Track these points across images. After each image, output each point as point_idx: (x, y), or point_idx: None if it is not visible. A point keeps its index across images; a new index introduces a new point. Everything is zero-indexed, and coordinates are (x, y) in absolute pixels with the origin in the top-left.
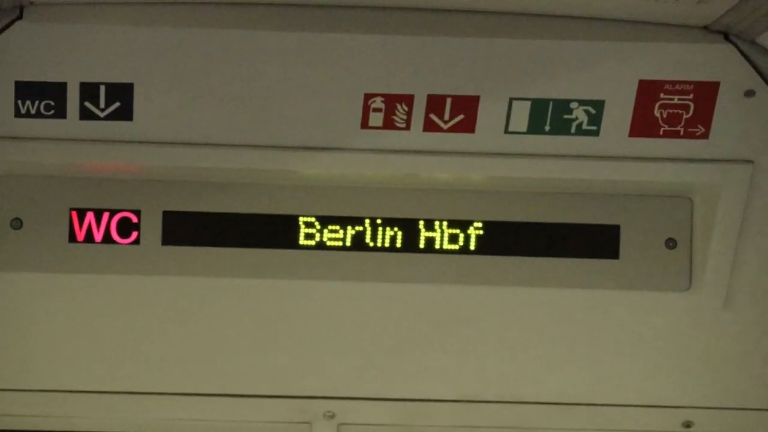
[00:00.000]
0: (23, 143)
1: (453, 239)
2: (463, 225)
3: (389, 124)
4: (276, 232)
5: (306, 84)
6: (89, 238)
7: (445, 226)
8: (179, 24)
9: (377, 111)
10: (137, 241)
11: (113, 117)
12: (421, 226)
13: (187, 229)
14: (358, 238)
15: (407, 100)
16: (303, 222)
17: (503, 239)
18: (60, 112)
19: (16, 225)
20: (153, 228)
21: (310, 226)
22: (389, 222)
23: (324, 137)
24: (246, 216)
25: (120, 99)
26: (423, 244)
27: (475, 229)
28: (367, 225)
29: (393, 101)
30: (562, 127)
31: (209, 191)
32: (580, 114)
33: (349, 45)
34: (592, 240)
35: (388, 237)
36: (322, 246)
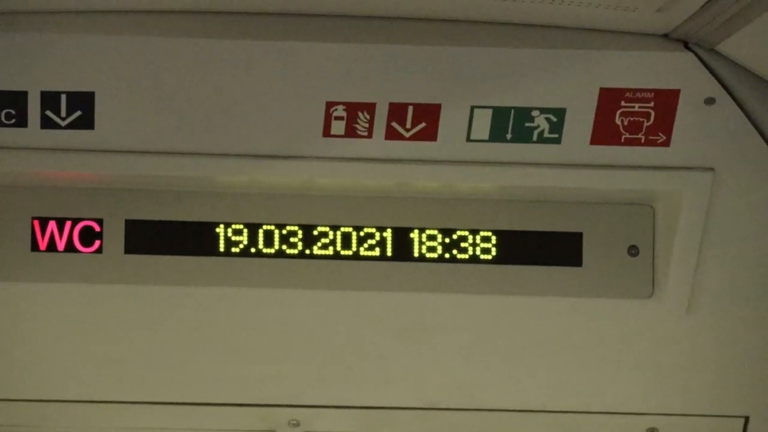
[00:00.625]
0: None
1: (415, 247)
2: (425, 233)
3: (351, 132)
4: (238, 241)
5: (268, 92)
6: (52, 246)
7: (411, 233)
8: (140, 32)
9: (339, 119)
10: (100, 250)
11: (74, 126)
12: (387, 234)
13: (150, 238)
14: (322, 246)
15: (369, 108)
16: (265, 231)
17: (465, 247)
18: (21, 120)
19: None
20: (115, 236)
21: (271, 235)
22: (354, 230)
23: (286, 145)
24: (208, 224)
25: (81, 108)
26: (390, 251)
27: (438, 237)
28: (329, 233)
29: (355, 109)
30: (523, 135)
31: (171, 200)
32: (541, 122)
33: (311, 53)
34: (555, 248)
35: (353, 245)
36: (282, 254)
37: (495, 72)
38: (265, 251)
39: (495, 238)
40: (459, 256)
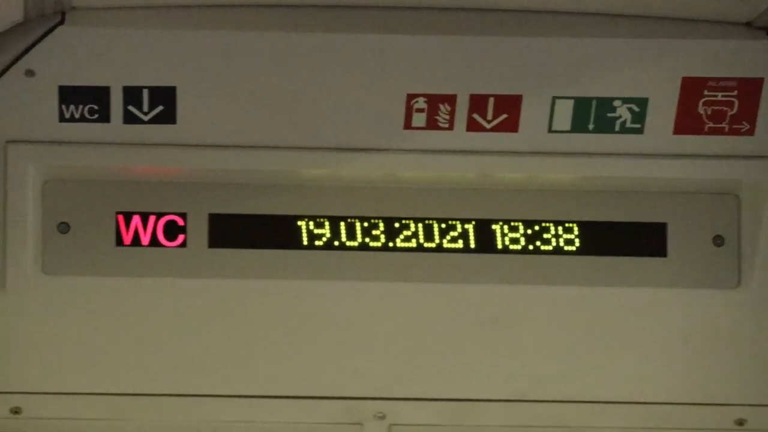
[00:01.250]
0: (68, 148)
1: (498, 239)
2: (508, 225)
3: (432, 124)
4: (321, 234)
5: (349, 85)
6: (136, 241)
7: (493, 225)
8: (220, 27)
9: (420, 111)
10: (184, 244)
11: (157, 120)
12: (470, 226)
13: (233, 232)
14: (404, 239)
15: (450, 100)
16: (347, 223)
17: (548, 239)
18: (104, 116)
19: (63, 229)
20: (199, 231)
21: (353, 227)
22: (437, 222)
23: (367, 138)
24: (291, 218)
25: (163, 102)
26: (473, 243)
27: (521, 228)
28: (412, 225)
29: (436, 101)
30: (605, 126)
31: (254, 193)
32: (623, 112)
33: (392, 45)
34: (639, 238)
35: (436, 237)
36: (365, 247)
37: (576, 62)
38: (348, 244)
39: (578, 229)
40: (542, 247)
